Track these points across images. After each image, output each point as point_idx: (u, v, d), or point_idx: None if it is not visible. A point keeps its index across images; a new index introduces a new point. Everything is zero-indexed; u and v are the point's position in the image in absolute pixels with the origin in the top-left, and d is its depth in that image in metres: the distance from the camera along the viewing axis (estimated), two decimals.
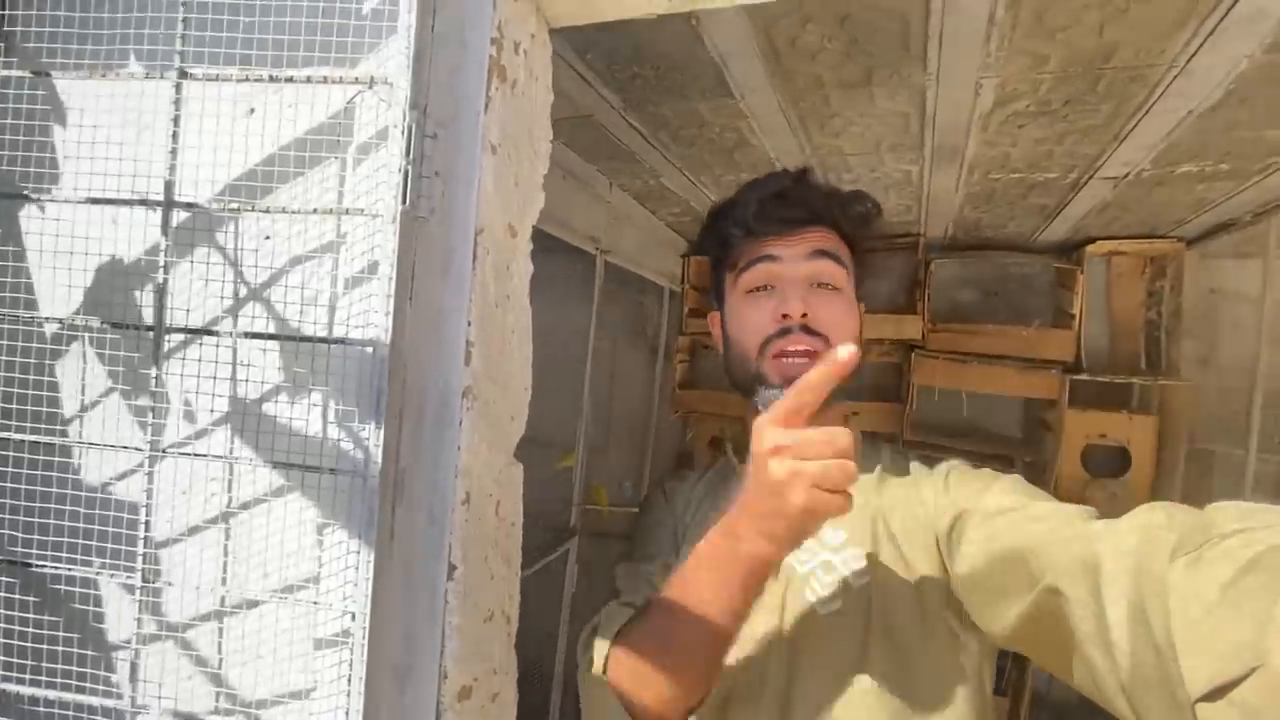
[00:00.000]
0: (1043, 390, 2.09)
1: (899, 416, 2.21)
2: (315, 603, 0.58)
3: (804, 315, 0.67)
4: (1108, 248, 2.01)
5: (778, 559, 0.54)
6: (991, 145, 1.36)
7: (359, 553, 0.55)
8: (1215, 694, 0.34)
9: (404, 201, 0.53)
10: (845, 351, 0.51)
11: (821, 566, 0.67)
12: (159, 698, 0.59)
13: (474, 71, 0.57)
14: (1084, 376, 1.99)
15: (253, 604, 0.63)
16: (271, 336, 0.57)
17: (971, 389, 2.19)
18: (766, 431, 0.51)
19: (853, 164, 1.57)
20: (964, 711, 0.61)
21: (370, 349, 0.55)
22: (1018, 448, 2.27)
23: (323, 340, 0.56)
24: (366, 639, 0.54)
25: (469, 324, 0.58)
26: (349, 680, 0.55)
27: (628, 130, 1.46)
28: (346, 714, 0.55)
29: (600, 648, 0.63)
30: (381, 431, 0.53)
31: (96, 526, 0.59)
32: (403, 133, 0.53)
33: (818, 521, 0.50)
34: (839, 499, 0.49)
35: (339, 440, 0.57)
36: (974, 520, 0.59)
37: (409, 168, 0.53)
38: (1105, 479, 2.00)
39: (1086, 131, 1.24)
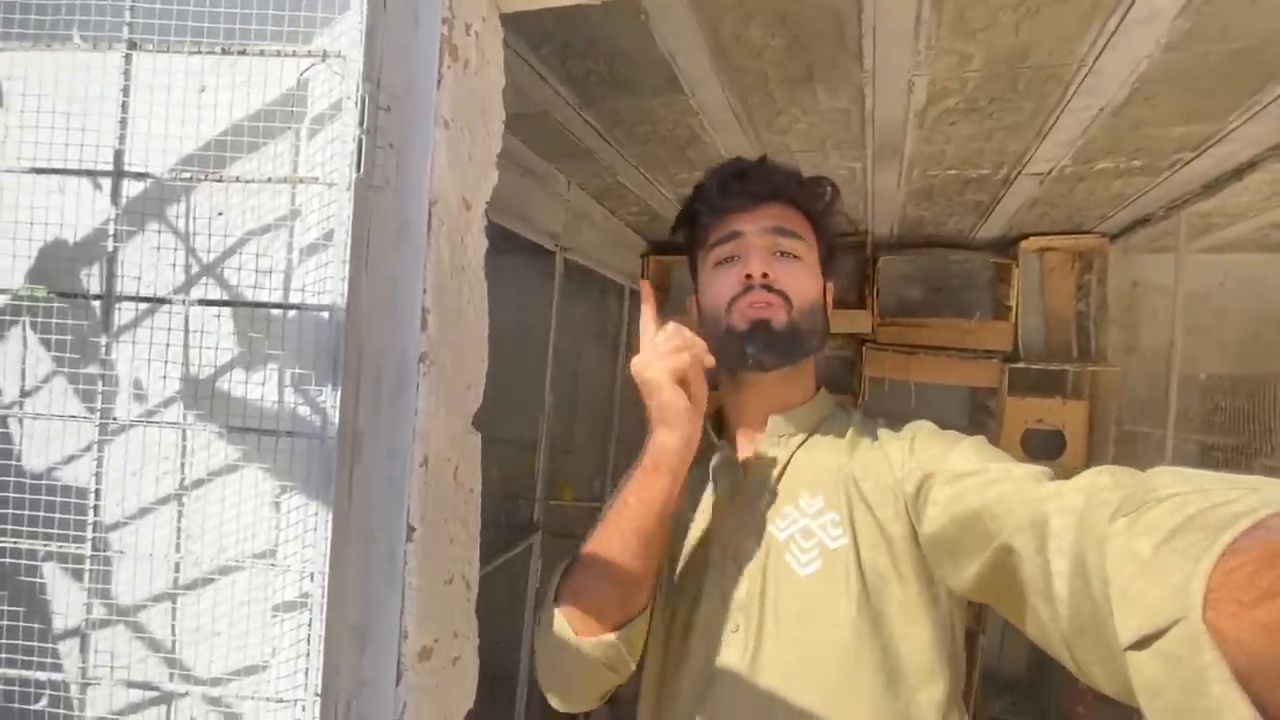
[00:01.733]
0: (985, 379, 2.19)
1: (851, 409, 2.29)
2: (273, 564, 0.58)
3: (764, 275, 0.72)
4: (1040, 243, 2.14)
5: (670, 440, 0.64)
6: (928, 142, 1.44)
7: (317, 514, 0.56)
8: (1143, 643, 0.36)
9: (359, 169, 0.55)
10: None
11: (801, 532, 0.70)
12: (110, 667, 0.59)
13: (426, 49, 0.60)
14: (1021, 365, 2.10)
15: (208, 580, 0.63)
16: (225, 303, 0.58)
17: (919, 379, 2.29)
18: (633, 363, 0.66)
19: (800, 161, 1.64)
20: (938, 659, 0.65)
21: (326, 314, 0.56)
22: (964, 434, 2.37)
23: (278, 306, 0.57)
24: (325, 599, 0.55)
25: (425, 291, 0.60)
26: (309, 641, 0.56)
27: (583, 126, 1.50)
28: (306, 675, 0.56)
29: (550, 596, 0.68)
30: (338, 394, 0.54)
31: (44, 498, 0.59)
32: (356, 104, 0.55)
33: (672, 387, 0.63)
34: (678, 355, 0.63)
35: (296, 405, 0.58)
36: (938, 482, 0.62)
37: (363, 138, 0.55)
38: (1043, 461, 2.10)
39: (1012, 128, 1.32)
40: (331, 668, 0.57)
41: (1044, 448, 2.12)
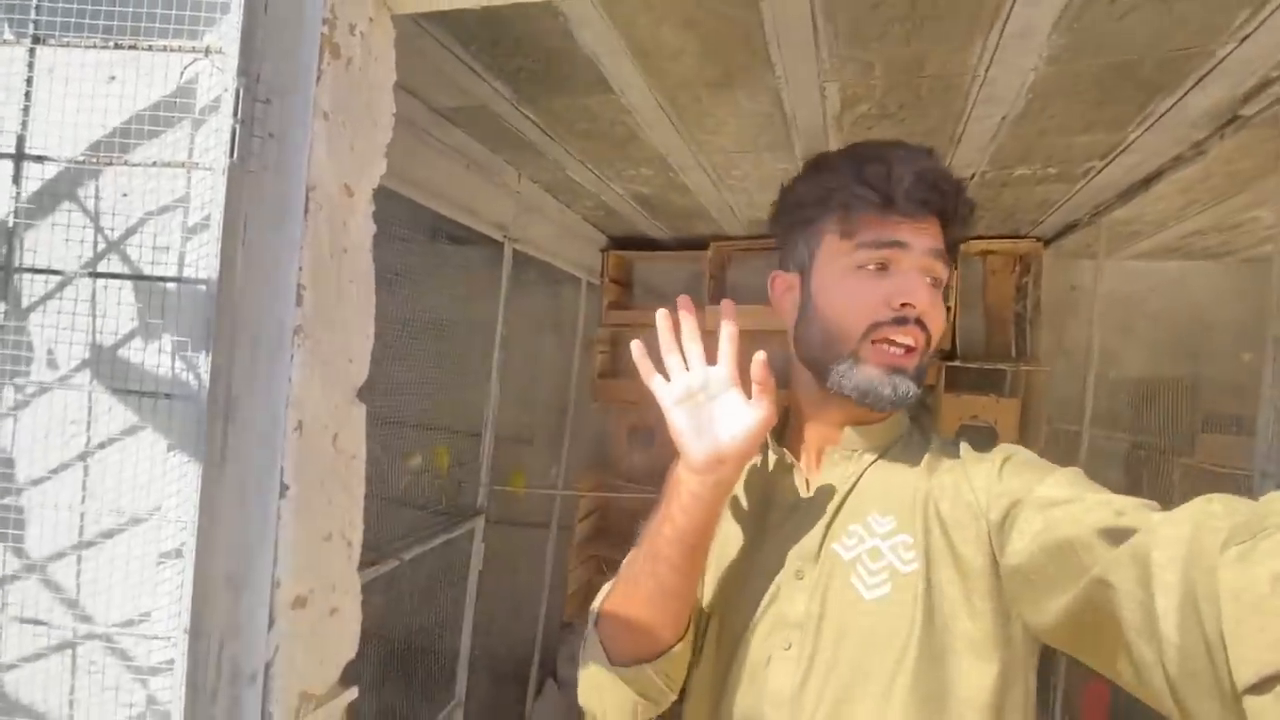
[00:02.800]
0: None
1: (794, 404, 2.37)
2: (159, 517, 0.64)
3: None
4: (980, 247, 2.21)
5: (692, 480, 0.61)
6: None
7: (192, 470, 0.62)
8: (1263, 685, 0.33)
9: (232, 156, 0.60)
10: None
11: (868, 553, 0.65)
12: (20, 615, 0.64)
13: (306, 48, 0.65)
14: (958, 364, 2.18)
15: (108, 533, 0.68)
16: (114, 276, 0.63)
17: None
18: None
19: (737, 160, 1.70)
20: (1000, 705, 0.60)
21: (204, 287, 0.61)
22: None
23: (160, 279, 0.62)
24: (194, 547, 0.60)
25: (300, 269, 0.65)
26: (181, 586, 0.61)
27: (524, 122, 1.55)
28: (180, 617, 0.62)
29: (593, 616, 0.68)
30: (209, 358, 0.60)
31: None
32: (232, 95, 0.60)
33: (686, 432, 0.60)
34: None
35: (177, 370, 0.63)
36: (1027, 511, 0.57)
37: (237, 127, 0.60)
38: None
39: (926, 135, 1.39)
40: (204, 611, 0.62)
41: (976, 444, 2.20)
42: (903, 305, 0.63)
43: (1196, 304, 2.15)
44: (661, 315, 0.64)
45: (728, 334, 0.62)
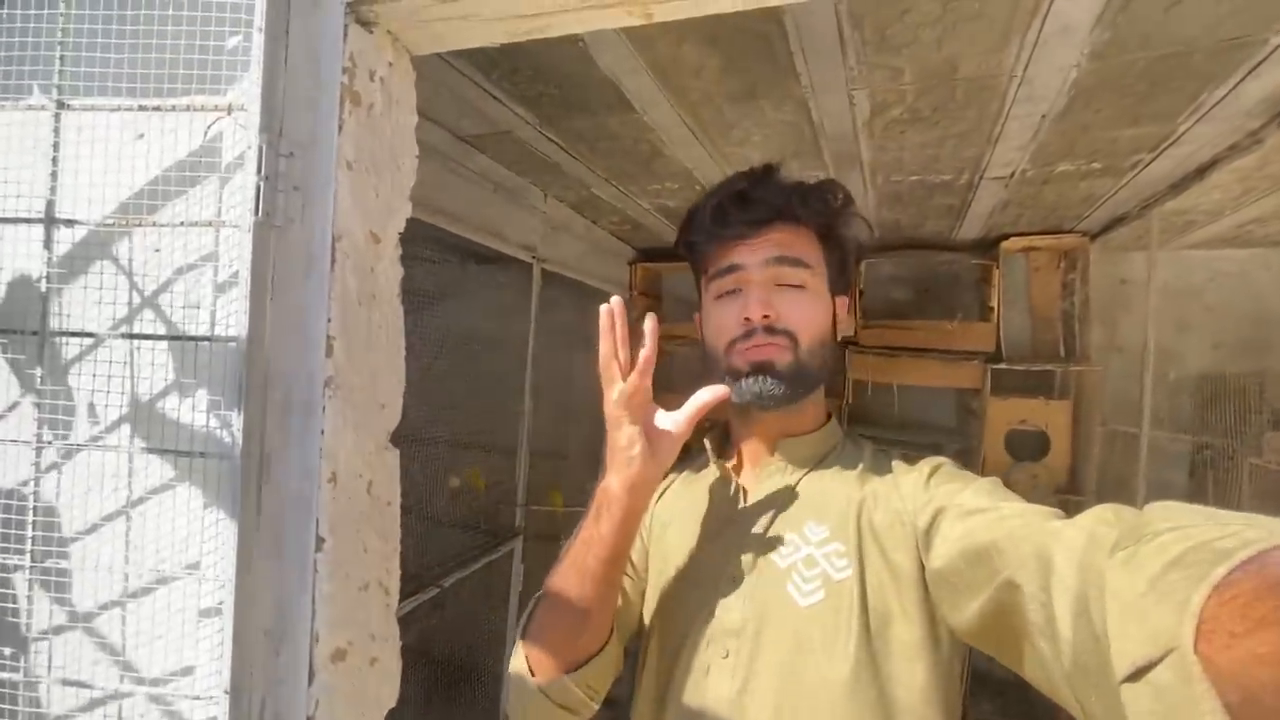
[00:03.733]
0: (967, 380, 2.19)
1: (836, 411, 2.31)
2: (198, 574, 0.64)
3: (765, 317, 0.69)
4: (1022, 243, 2.13)
5: (611, 483, 0.64)
6: (883, 150, 1.46)
7: (228, 527, 0.62)
8: (1136, 675, 0.36)
9: (257, 213, 0.60)
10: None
11: (803, 561, 0.67)
12: (49, 665, 0.65)
13: (327, 98, 0.65)
14: (1003, 366, 2.10)
15: (148, 589, 0.69)
16: (147, 337, 0.64)
17: (902, 381, 2.29)
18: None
19: None
20: (933, 704, 0.63)
21: (234, 344, 0.61)
22: (950, 436, 2.37)
23: (191, 338, 0.63)
24: (234, 605, 0.60)
25: (329, 320, 0.65)
26: (222, 644, 0.61)
27: (548, 144, 1.55)
28: (220, 674, 0.62)
29: (519, 629, 0.69)
30: (241, 417, 0.60)
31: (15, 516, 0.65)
32: (255, 152, 0.60)
33: (619, 428, 0.64)
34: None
35: (211, 428, 0.63)
36: (949, 518, 0.61)
37: (261, 183, 0.60)
38: (1027, 462, 2.10)
39: (962, 136, 1.34)
40: (245, 668, 0.62)
41: (1028, 449, 2.11)
42: (746, 320, 0.69)
43: (1259, 294, 2.03)
44: (607, 312, 0.65)
45: (644, 355, 0.64)
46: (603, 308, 0.65)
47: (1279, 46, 0.97)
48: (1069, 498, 2.04)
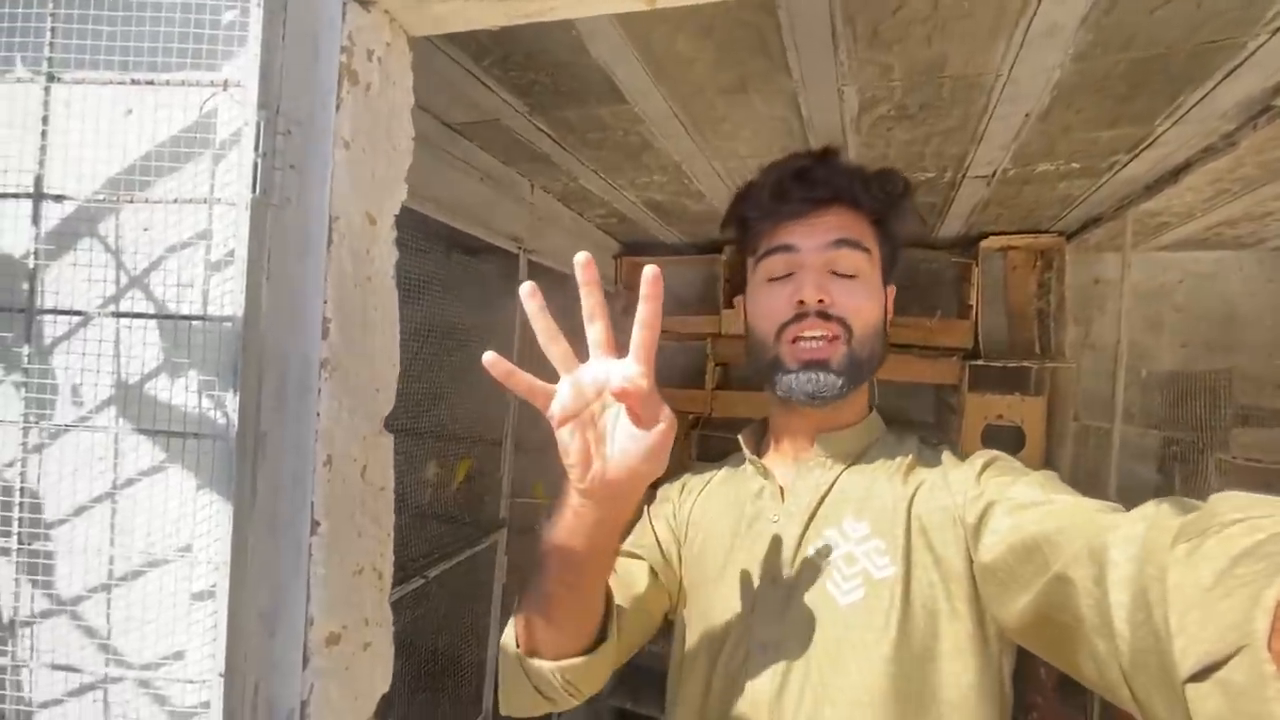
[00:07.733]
0: (947, 376, 2.23)
1: None
2: (190, 557, 0.63)
3: (820, 301, 0.66)
4: (1000, 243, 2.17)
5: (574, 498, 0.59)
6: (869, 147, 1.48)
7: (222, 510, 0.61)
8: (1203, 674, 0.34)
9: (254, 190, 0.59)
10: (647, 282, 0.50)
11: (843, 558, 0.66)
12: (34, 650, 0.64)
13: (325, 76, 0.64)
14: (981, 362, 2.14)
15: (138, 572, 0.68)
16: (138, 315, 0.63)
17: (885, 377, 2.33)
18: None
19: (753, 165, 1.68)
20: (980, 705, 0.60)
21: (229, 324, 0.61)
22: (930, 431, 2.42)
23: (184, 318, 0.62)
24: (228, 588, 0.60)
25: (325, 301, 0.64)
26: (215, 627, 0.61)
27: (537, 134, 1.54)
28: (213, 658, 0.61)
29: (516, 601, 0.69)
30: (237, 397, 0.59)
31: None
32: (252, 129, 0.59)
33: (572, 455, 0.55)
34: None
35: (204, 408, 0.63)
36: (999, 512, 0.59)
37: (259, 161, 0.59)
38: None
39: (947, 134, 1.36)
40: (239, 651, 0.62)
41: (1003, 444, 2.16)
42: (799, 303, 0.66)
43: (1229, 296, 2.09)
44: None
45: (644, 318, 0.51)
46: (576, 259, 0.54)
47: (1256, 51, 1.00)
48: None
